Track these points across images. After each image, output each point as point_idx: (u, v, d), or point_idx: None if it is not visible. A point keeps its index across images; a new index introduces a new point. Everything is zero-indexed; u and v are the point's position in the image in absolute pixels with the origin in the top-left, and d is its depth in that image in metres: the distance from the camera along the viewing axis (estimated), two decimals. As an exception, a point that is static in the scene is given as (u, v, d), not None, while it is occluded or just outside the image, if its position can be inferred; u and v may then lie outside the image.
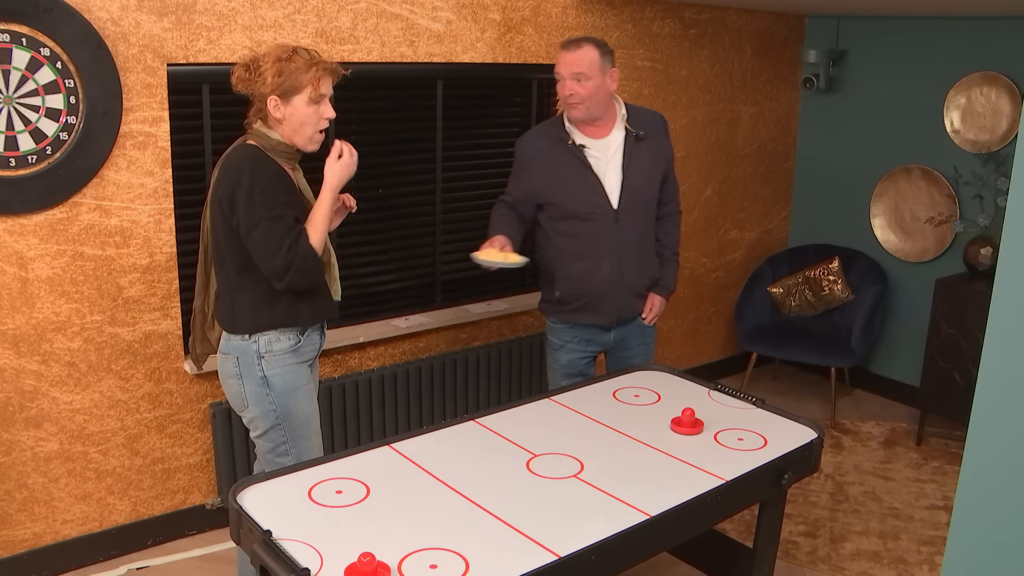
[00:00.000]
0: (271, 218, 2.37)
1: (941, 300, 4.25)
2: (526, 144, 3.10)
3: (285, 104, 2.40)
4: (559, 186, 2.98)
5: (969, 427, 1.72)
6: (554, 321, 3.20)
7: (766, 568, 2.67)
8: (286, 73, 2.37)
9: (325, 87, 2.42)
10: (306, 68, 2.38)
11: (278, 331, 2.51)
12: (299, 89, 2.38)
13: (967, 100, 4.48)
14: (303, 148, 2.50)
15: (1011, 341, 1.63)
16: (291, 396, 2.56)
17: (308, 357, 2.62)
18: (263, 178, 2.39)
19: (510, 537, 1.99)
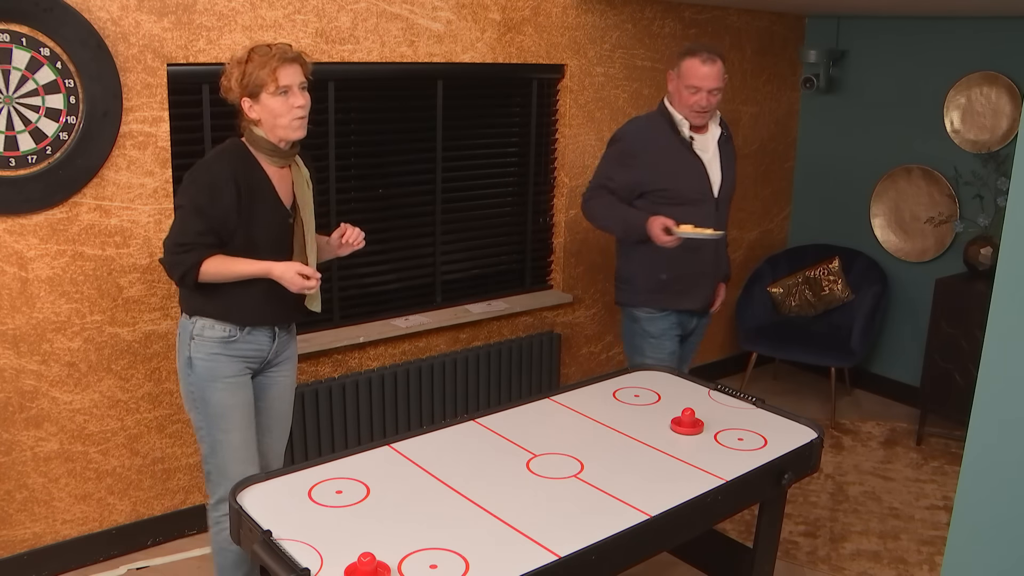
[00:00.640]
0: (183, 215, 2.43)
1: (941, 300, 4.25)
2: (635, 136, 3.22)
3: (256, 103, 2.43)
4: (672, 174, 3.16)
5: (969, 427, 1.72)
6: (650, 311, 3.26)
7: (766, 568, 2.67)
8: (247, 74, 2.41)
9: (285, 78, 2.41)
10: (262, 64, 2.40)
11: (213, 319, 2.52)
12: (262, 86, 2.40)
13: (967, 100, 4.48)
14: (288, 137, 2.49)
15: (1011, 341, 1.63)
16: (209, 384, 2.54)
17: (249, 356, 2.59)
18: (206, 175, 2.44)
19: (510, 537, 1.99)
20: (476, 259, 4.11)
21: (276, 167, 2.54)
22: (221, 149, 2.53)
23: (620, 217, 3.16)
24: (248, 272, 2.44)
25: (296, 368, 2.82)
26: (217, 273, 2.43)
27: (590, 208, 3.26)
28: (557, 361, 4.27)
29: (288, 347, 2.74)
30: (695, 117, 3.15)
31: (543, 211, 4.25)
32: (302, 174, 2.63)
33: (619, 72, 4.25)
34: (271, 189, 2.52)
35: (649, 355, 3.28)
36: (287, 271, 2.42)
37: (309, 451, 3.55)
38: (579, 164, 4.21)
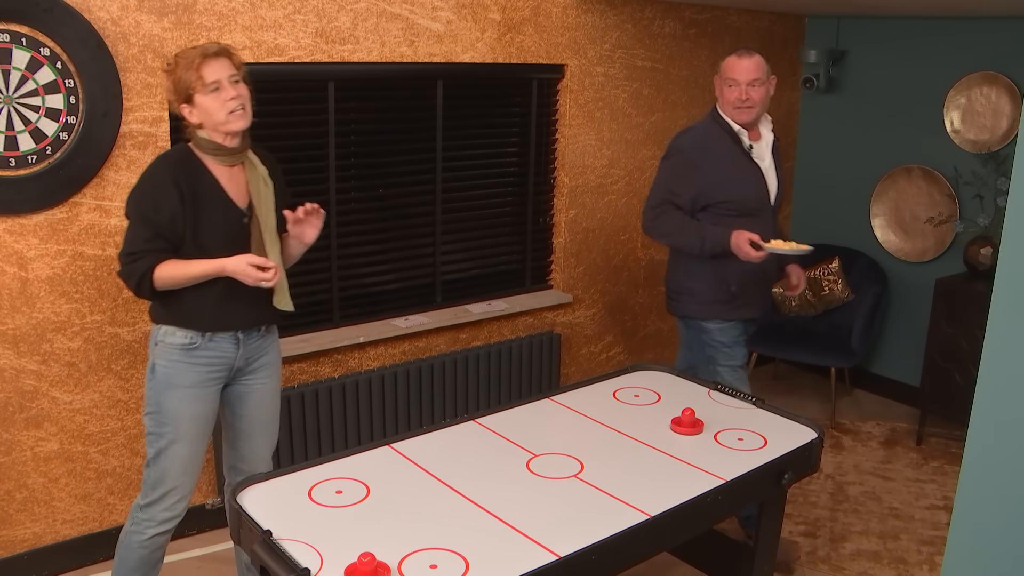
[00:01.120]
0: (131, 225, 2.41)
1: (941, 300, 4.25)
2: (695, 147, 3.17)
3: (193, 107, 2.40)
4: (735, 184, 3.12)
5: (969, 427, 1.72)
6: (719, 322, 3.21)
7: (766, 568, 2.67)
8: (177, 80, 2.39)
9: (211, 74, 2.36)
10: (187, 65, 2.36)
11: (174, 326, 2.48)
12: (192, 88, 2.37)
13: (967, 100, 4.48)
14: (230, 129, 2.42)
15: (1011, 341, 1.63)
16: (167, 391, 2.48)
17: (213, 363, 2.52)
18: (148, 182, 2.41)
19: (510, 537, 1.99)
20: (476, 259, 4.11)
21: (225, 167, 2.48)
22: (163, 154, 2.52)
23: (697, 234, 3.08)
24: (201, 272, 2.38)
25: (279, 373, 2.74)
26: (171, 277, 2.37)
27: (658, 226, 3.17)
28: (557, 361, 4.27)
29: (264, 352, 2.65)
30: (739, 114, 3.10)
31: (543, 211, 4.25)
32: (257, 172, 2.54)
33: (619, 72, 4.25)
34: (219, 190, 2.46)
35: (723, 363, 3.23)
36: (239, 264, 2.35)
37: (309, 451, 3.55)
38: (579, 164, 4.21)
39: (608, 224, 4.41)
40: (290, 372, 3.54)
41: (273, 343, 2.70)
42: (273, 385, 2.71)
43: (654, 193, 3.21)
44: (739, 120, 3.13)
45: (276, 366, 2.72)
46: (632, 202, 4.48)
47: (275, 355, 2.71)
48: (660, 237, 3.23)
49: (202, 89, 2.36)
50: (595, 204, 4.33)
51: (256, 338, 2.60)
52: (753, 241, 2.98)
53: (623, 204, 4.45)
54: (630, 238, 4.53)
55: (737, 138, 3.13)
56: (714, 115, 3.20)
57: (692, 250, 3.12)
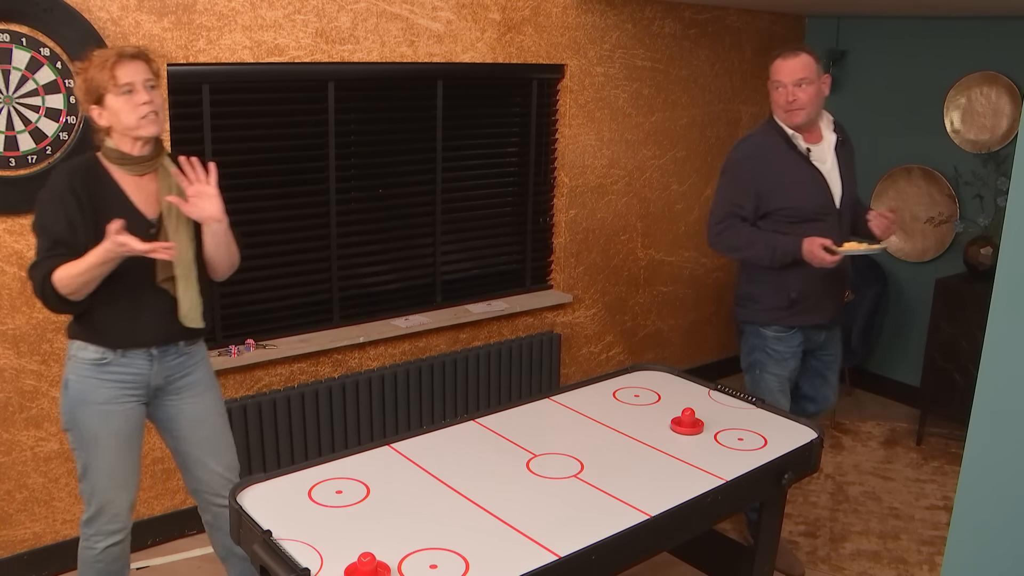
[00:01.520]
0: (36, 233, 2.31)
1: (941, 300, 4.25)
2: (753, 157, 3.10)
3: (103, 109, 2.29)
4: (794, 190, 3.05)
5: (969, 427, 1.72)
6: (778, 329, 3.15)
7: (766, 568, 2.67)
8: (88, 80, 2.28)
9: (125, 76, 2.25)
10: (101, 65, 2.26)
11: (85, 341, 2.37)
12: (104, 89, 2.26)
13: (967, 100, 4.48)
14: (139, 134, 2.30)
15: (1011, 341, 1.63)
16: (80, 407, 2.38)
17: (126, 380, 2.40)
18: (47, 193, 2.30)
19: (510, 537, 1.99)
20: (476, 259, 4.11)
21: (134, 176, 2.36)
22: (65, 163, 2.43)
23: (767, 244, 3.03)
24: (90, 263, 2.21)
25: (215, 390, 2.62)
26: (68, 278, 2.23)
27: (727, 240, 3.11)
28: (557, 361, 4.27)
29: (187, 371, 2.52)
30: (790, 117, 3.02)
31: (543, 211, 4.25)
32: (170, 179, 2.39)
33: (619, 72, 4.25)
34: (124, 200, 2.34)
35: (772, 371, 3.18)
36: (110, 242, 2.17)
37: (309, 451, 3.55)
38: (579, 164, 4.21)
39: (608, 224, 4.41)
40: (290, 372, 3.54)
41: (199, 361, 2.56)
42: (206, 403, 2.57)
43: (717, 208, 3.13)
44: (790, 123, 3.04)
45: (207, 383, 2.58)
46: (632, 202, 4.48)
47: (203, 372, 2.57)
48: (727, 252, 3.18)
49: (114, 90, 2.25)
50: (595, 204, 4.33)
51: (174, 355, 2.47)
52: (826, 246, 2.92)
53: (623, 204, 4.45)
54: (630, 238, 4.53)
55: (793, 143, 3.06)
56: (769, 121, 3.13)
57: (762, 262, 3.06)
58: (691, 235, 4.81)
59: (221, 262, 2.49)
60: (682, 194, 4.71)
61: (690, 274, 4.89)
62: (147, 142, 2.34)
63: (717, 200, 3.16)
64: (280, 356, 3.45)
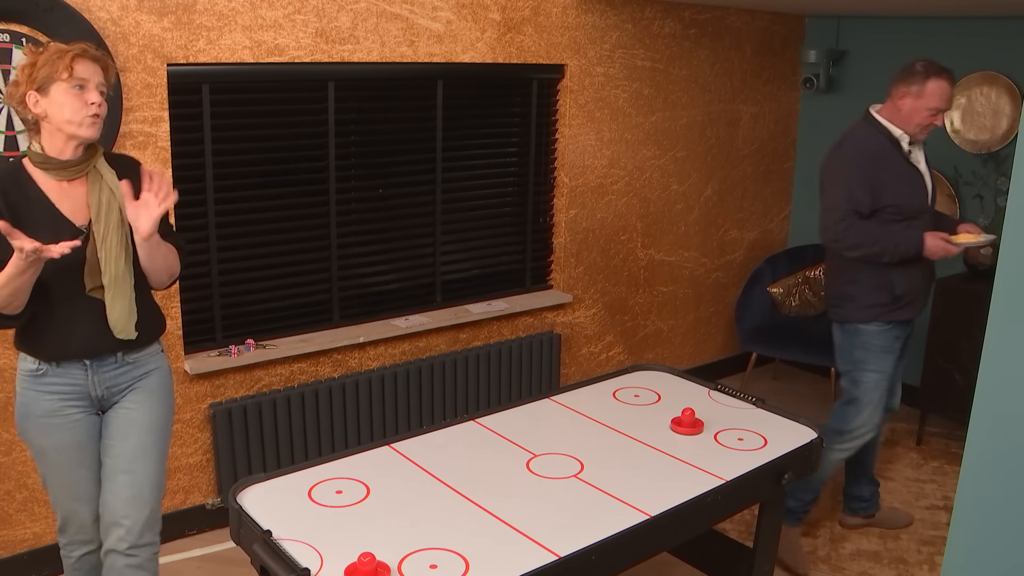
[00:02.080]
0: None
1: (941, 300, 4.25)
2: (862, 153, 3.14)
3: (43, 97, 2.13)
4: (902, 189, 3.13)
5: (969, 427, 1.72)
6: (880, 325, 3.19)
7: (766, 568, 2.67)
8: (38, 64, 2.13)
9: (83, 71, 2.13)
10: (60, 55, 2.13)
11: (24, 352, 2.28)
12: (54, 77, 2.11)
13: (967, 100, 4.48)
14: (77, 134, 2.15)
15: (1011, 341, 1.63)
16: (24, 420, 2.30)
17: (65, 392, 2.28)
18: None
19: (510, 537, 1.99)
20: (476, 259, 4.11)
21: (60, 181, 2.21)
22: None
23: (892, 240, 3.06)
24: (8, 275, 2.07)
25: (160, 407, 2.42)
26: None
27: (848, 238, 3.09)
28: (557, 361, 4.27)
29: (134, 382, 2.36)
30: (923, 134, 3.13)
31: (543, 211, 4.25)
32: (102, 183, 2.24)
33: (619, 72, 4.25)
34: (48, 207, 2.19)
35: (874, 368, 3.19)
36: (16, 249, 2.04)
37: (309, 451, 3.55)
38: (579, 164, 4.21)
39: (608, 224, 4.41)
40: (290, 372, 3.54)
41: (151, 371, 2.40)
42: (140, 416, 2.37)
43: (837, 205, 3.12)
44: (919, 138, 3.15)
45: (150, 396, 2.40)
46: (632, 202, 4.48)
47: (151, 384, 2.40)
48: (850, 249, 3.15)
49: (67, 81, 2.11)
50: (595, 204, 4.33)
51: (112, 366, 2.32)
52: (946, 239, 3.04)
53: (623, 204, 4.45)
54: (630, 238, 4.53)
55: (897, 143, 3.13)
56: (869, 119, 3.19)
57: (883, 257, 3.08)
58: (691, 235, 4.82)
59: (156, 272, 2.34)
60: (682, 194, 4.72)
61: (690, 274, 4.89)
62: (79, 145, 2.19)
63: (835, 197, 3.15)
64: (280, 356, 3.45)
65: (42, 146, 2.18)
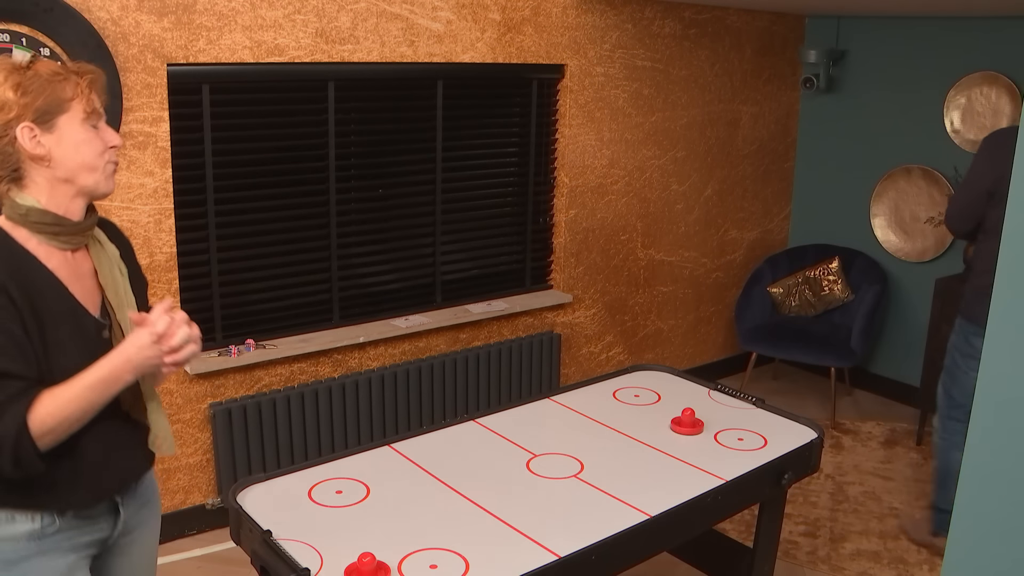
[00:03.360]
0: None
1: (941, 300, 4.25)
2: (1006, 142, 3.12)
3: (47, 131, 1.56)
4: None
5: (969, 427, 1.72)
6: None
7: (766, 568, 2.67)
8: (35, 89, 1.55)
9: (99, 102, 1.64)
10: (65, 76, 1.58)
11: (16, 510, 1.61)
12: (64, 106, 1.57)
13: (967, 100, 4.48)
14: (99, 190, 1.64)
15: (1011, 341, 1.63)
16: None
17: (81, 545, 1.71)
18: None
19: (510, 537, 1.99)
20: (476, 259, 4.11)
21: (64, 251, 1.63)
22: None
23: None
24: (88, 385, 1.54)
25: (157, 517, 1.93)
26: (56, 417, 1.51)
27: None
28: (557, 361, 4.27)
29: (144, 512, 1.86)
30: None
31: (543, 211, 4.25)
32: (107, 254, 1.72)
33: (619, 72, 4.25)
34: (61, 292, 1.60)
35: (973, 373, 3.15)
36: (139, 350, 1.56)
37: (309, 451, 3.55)
38: (579, 164, 4.21)
39: (608, 224, 4.41)
40: (290, 372, 3.54)
41: (152, 496, 1.91)
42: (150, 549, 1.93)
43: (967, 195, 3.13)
44: None
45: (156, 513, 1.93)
46: (632, 202, 4.48)
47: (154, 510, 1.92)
48: None
49: (81, 115, 1.59)
50: (595, 204, 4.33)
51: (138, 493, 1.84)
52: None
53: (623, 204, 4.45)
54: (630, 238, 4.53)
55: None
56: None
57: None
58: (691, 235, 4.82)
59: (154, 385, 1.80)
60: (682, 194, 4.71)
61: (690, 274, 4.89)
62: (86, 202, 1.65)
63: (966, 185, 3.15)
64: (280, 356, 3.45)
65: (46, 200, 1.60)
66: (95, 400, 1.55)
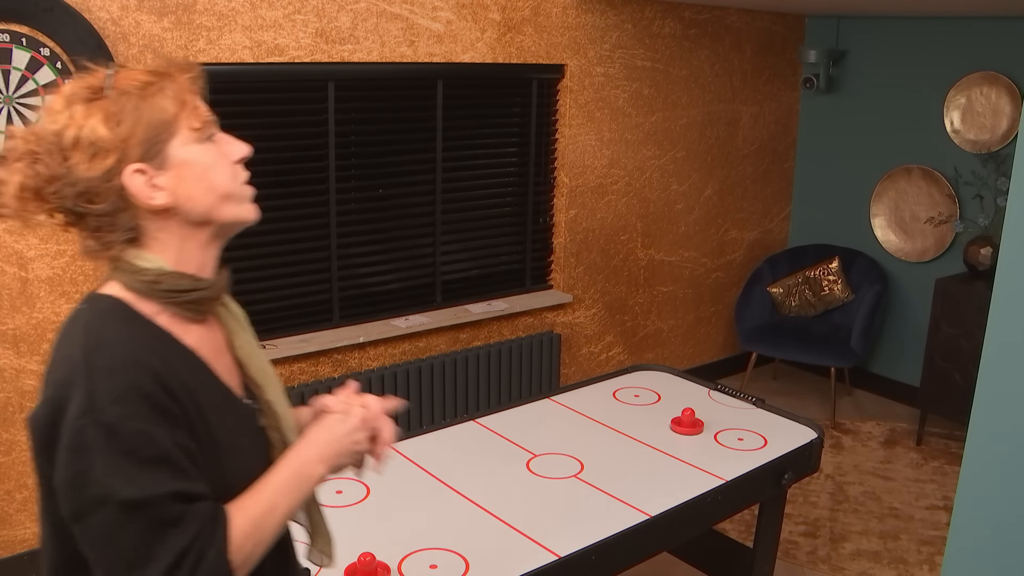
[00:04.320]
0: (131, 503, 1.05)
1: (941, 300, 4.25)
2: None
3: (160, 169, 1.16)
4: None
5: (969, 427, 1.72)
6: None
7: (766, 568, 2.67)
8: (131, 114, 1.14)
9: (204, 108, 1.27)
10: (157, 83, 1.18)
11: None
12: (170, 128, 1.18)
13: (967, 100, 4.48)
14: (236, 221, 1.24)
15: (1011, 341, 1.63)
16: None
17: None
18: (115, 395, 1.07)
19: (510, 537, 1.99)
20: (476, 259, 4.11)
21: (198, 322, 1.24)
22: (95, 328, 1.13)
23: None
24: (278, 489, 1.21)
25: None
26: (255, 540, 1.16)
27: None
28: (557, 361, 4.27)
29: None
30: None
31: (543, 211, 4.25)
32: (236, 318, 1.32)
33: (619, 72, 4.25)
34: (209, 375, 1.23)
35: None
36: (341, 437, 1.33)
37: (309, 451, 3.55)
38: (579, 164, 4.21)
39: (608, 224, 4.41)
40: (290, 372, 3.54)
41: None
42: None
43: None
44: None
45: None
46: (632, 202, 4.48)
47: None
48: None
49: (193, 131, 1.21)
50: (595, 204, 4.33)
51: None
52: None
53: (623, 204, 4.45)
54: (630, 238, 4.53)
55: None
56: None
57: None
58: (691, 235, 4.81)
59: None
60: (682, 194, 4.72)
61: (690, 274, 4.89)
62: (221, 247, 1.26)
63: None
64: (280, 356, 3.45)
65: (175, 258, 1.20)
66: (289, 508, 1.22)
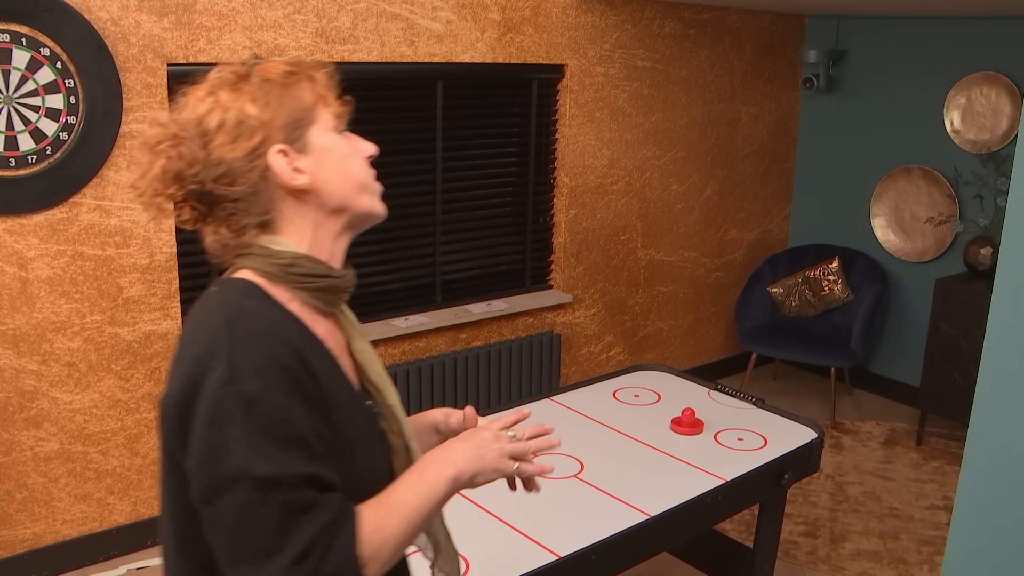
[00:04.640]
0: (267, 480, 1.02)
1: (941, 300, 4.25)
2: None
3: (301, 152, 1.17)
4: None
5: (969, 427, 1.72)
6: None
7: (766, 568, 2.67)
8: (276, 98, 1.16)
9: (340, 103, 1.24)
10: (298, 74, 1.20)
11: None
12: (310, 115, 1.18)
13: (967, 100, 4.48)
14: (370, 214, 1.23)
15: (1011, 341, 1.63)
16: None
17: None
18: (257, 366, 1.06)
19: (510, 537, 1.99)
20: (476, 259, 4.11)
21: (325, 315, 1.23)
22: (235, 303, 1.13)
23: None
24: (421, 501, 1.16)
25: None
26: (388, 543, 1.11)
27: None
28: (557, 361, 4.27)
29: None
30: None
31: (543, 211, 4.25)
32: (350, 319, 1.33)
33: (619, 72, 4.25)
34: (337, 369, 1.20)
35: None
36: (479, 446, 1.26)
37: (309, 451, 3.55)
38: (579, 164, 4.21)
39: (608, 224, 4.41)
40: (290, 372, 3.54)
41: None
42: None
43: None
44: None
45: None
46: (632, 202, 4.48)
47: None
48: None
49: (331, 121, 1.21)
50: (595, 204, 4.33)
51: None
52: None
53: (623, 204, 4.45)
54: (630, 238, 4.53)
55: None
56: None
57: None
58: (691, 235, 4.81)
59: None
60: (682, 194, 4.72)
61: (690, 274, 4.89)
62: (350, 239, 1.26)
63: None
64: (280, 356, 3.44)
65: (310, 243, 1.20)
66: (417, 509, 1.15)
